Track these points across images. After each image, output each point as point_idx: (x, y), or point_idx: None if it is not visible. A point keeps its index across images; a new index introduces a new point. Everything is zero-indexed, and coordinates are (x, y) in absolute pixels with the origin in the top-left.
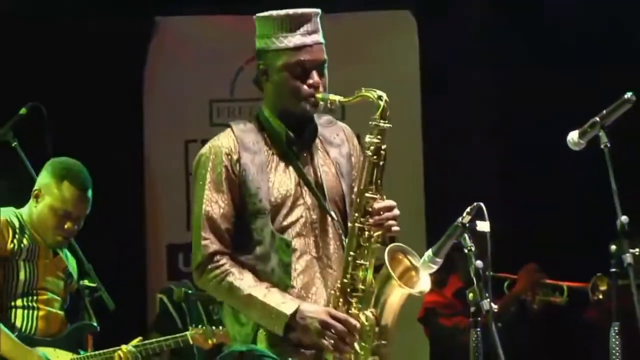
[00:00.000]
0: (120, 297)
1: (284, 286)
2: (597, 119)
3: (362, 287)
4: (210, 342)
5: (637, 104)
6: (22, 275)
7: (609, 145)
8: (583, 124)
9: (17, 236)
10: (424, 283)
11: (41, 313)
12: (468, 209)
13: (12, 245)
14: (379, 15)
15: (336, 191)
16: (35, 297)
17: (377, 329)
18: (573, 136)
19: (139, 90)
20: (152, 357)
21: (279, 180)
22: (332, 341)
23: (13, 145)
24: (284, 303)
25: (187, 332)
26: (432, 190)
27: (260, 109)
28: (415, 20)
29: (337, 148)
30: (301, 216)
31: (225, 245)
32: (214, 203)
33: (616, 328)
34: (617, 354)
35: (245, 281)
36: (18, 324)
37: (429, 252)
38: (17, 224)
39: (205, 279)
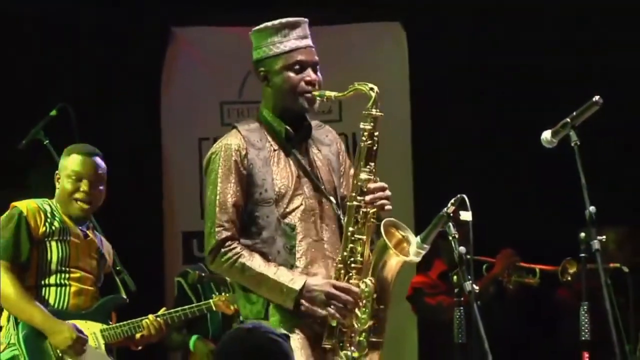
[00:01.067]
0: (140, 280)
1: (289, 266)
2: (568, 119)
3: (361, 259)
4: (232, 307)
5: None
6: (54, 255)
7: (578, 143)
8: (556, 124)
9: (48, 219)
10: (415, 252)
11: (73, 289)
12: (452, 200)
13: (44, 229)
14: (371, 26)
15: (330, 183)
16: (67, 275)
17: (375, 295)
18: (546, 135)
19: (157, 92)
20: (170, 328)
21: (281, 173)
22: (336, 309)
23: (45, 143)
24: (292, 279)
25: (211, 300)
26: (420, 185)
27: (260, 111)
28: (405, 31)
29: (327, 147)
30: (301, 204)
31: (236, 232)
32: (225, 194)
33: (585, 307)
34: (586, 330)
35: (255, 262)
36: (51, 300)
37: (417, 239)
38: (48, 210)
39: (218, 262)
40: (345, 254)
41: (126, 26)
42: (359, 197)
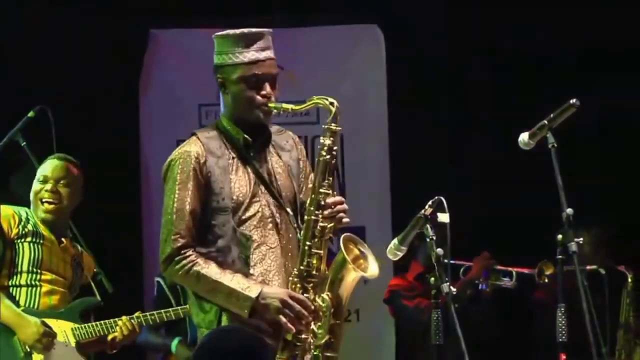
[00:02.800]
0: (119, 280)
1: (244, 275)
2: (545, 121)
3: (317, 273)
4: None
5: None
6: (26, 256)
7: (555, 145)
8: (533, 126)
9: (22, 223)
10: (373, 268)
11: (44, 290)
12: (430, 202)
13: (16, 230)
14: (349, 29)
15: (289, 190)
16: (39, 277)
17: (332, 310)
18: (524, 137)
19: (135, 94)
20: (150, 331)
21: (239, 181)
22: (289, 319)
23: (22, 145)
24: (248, 287)
25: (187, 305)
26: (397, 186)
27: (219, 118)
28: (383, 33)
29: (288, 153)
30: (258, 211)
31: (192, 239)
32: (183, 201)
33: (562, 309)
34: (563, 331)
35: (211, 269)
36: (22, 300)
37: (395, 241)
38: (23, 215)
39: (172, 269)
40: (302, 267)
41: (105, 28)
42: (316, 212)
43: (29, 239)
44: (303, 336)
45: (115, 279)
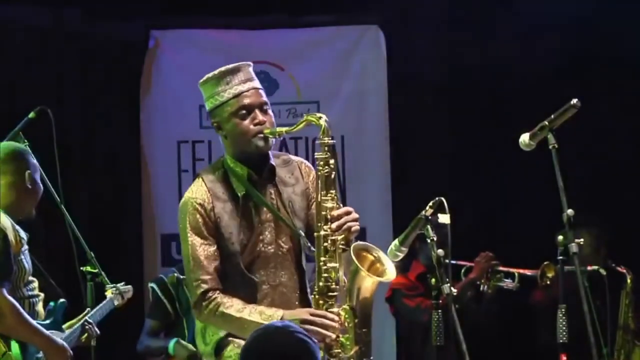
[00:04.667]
0: (119, 282)
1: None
2: (546, 122)
3: (336, 286)
4: None
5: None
6: (27, 267)
7: (556, 146)
8: (534, 126)
9: (19, 233)
10: (390, 271)
11: (39, 298)
12: (430, 203)
13: (20, 245)
14: (350, 29)
15: (294, 223)
16: (34, 285)
17: (356, 321)
18: (524, 138)
19: (136, 95)
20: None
21: (245, 222)
22: (313, 333)
23: (24, 146)
24: (270, 317)
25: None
26: (398, 185)
27: (224, 160)
28: (383, 34)
29: (291, 187)
30: (261, 252)
31: (215, 282)
32: (198, 247)
33: (563, 310)
34: (564, 332)
35: (234, 307)
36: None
37: (396, 241)
38: (13, 220)
39: (202, 314)
40: (320, 284)
41: (106, 29)
42: (325, 226)
43: (23, 248)
44: (335, 350)
45: (115, 281)
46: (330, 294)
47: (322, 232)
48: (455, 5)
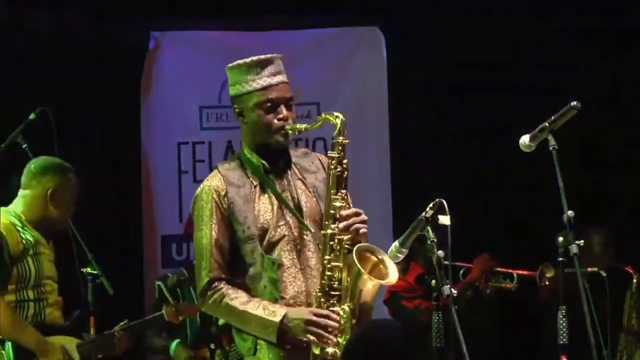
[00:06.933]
0: (119, 283)
1: (275, 299)
2: (546, 124)
3: (340, 285)
4: (180, 317)
5: None
6: (32, 270)
7: (556, 147)
8: (534, 127)
9: (20, 234)
10: (392, 273)
11: (49, 302)
12: (431, 204)
13: (20, 246)
14: (350, 31)
15: (316, 211)
16: (43, 288)
17: (354, 321)
18: (524, 139)
19: (137, 97)
20: (149, 336)
21: (263, 207)
22: (315, 335)
23: (24, 147)
24: (272, 312)
25: (162, 310)
26: (398, 187)
27: (241, 148)
28: (384, 36)
29: (313, 174)
30: (284, 235)
31: (223, 272)
32: (208, 236)
33: (563, 311)
34: (564, 333)
35: (238, 300)
36: (30, 315)
37: (396, 243)
38: (18, 223)
39: (207, 304)
40: (323, 282)
41: (106, 30)
42: (332, 225)
43: (31, 251)
44: (330, 349)
45: (116, 282)
46: (333, 292)
47: (329, 231)
48: (455, 8)
